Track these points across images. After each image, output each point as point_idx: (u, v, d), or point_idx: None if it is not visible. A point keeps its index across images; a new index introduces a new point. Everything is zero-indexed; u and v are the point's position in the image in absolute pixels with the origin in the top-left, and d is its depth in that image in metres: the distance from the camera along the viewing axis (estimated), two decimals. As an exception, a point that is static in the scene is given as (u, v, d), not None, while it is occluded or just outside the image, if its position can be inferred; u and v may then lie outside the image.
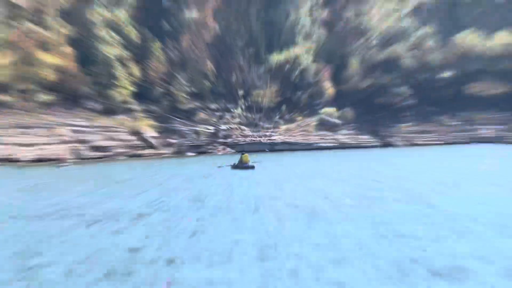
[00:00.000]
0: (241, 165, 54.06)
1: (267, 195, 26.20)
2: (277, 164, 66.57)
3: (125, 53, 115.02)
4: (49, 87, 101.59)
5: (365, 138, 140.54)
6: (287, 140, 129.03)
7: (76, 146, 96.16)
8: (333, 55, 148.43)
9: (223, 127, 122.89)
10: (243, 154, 56.35)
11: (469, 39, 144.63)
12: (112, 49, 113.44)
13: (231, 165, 55.73)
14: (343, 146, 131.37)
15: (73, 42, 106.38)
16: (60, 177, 50.55)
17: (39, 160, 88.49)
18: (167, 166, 68.16)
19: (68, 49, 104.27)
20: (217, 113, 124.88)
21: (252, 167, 54.03)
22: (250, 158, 60.40)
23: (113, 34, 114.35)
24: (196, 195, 25.63)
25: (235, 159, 62.98)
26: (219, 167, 56.72)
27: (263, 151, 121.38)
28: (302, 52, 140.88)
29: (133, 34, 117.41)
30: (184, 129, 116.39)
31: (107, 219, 21.08)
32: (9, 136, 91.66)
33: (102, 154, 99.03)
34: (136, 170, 59.57)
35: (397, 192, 29.45)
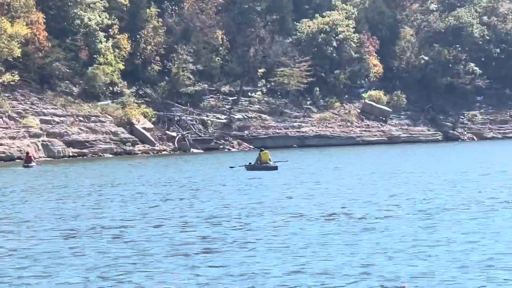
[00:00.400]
0: (260, 166, 54.17)
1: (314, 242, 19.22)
2: (310, 164, 65.17)
3: (111, 20, 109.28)
4: (11, 64, 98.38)
5: (421, 130, 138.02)
6: (321, 133, 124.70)
7: (46, 141, 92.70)
8: (381, 23, 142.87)
9: (238, 116, 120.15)
10: (261, 151, 56.32)
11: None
12: (93, 15, 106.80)
13: (245, 166, 55.66)
14: (393, 141, 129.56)
15: (43, 5, 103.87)
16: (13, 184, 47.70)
17: None
18: (157, 167, 66.05)
19: (38, 15, 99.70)
20: (230, 98, 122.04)
21: (274, 168, 54.03)
22: (273, 157, 59.51)
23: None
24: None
25: (253, 157, 61.53)
26: (231, 167, 56.87)
27: (290, 146, 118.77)
28: (341, 18, 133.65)
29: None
30: (188, 118, 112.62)
31: None
32: None
33: (80, 151, 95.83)
34: (118, 171, 57.21)
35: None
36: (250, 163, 55.81)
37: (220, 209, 28.96)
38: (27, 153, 76.96)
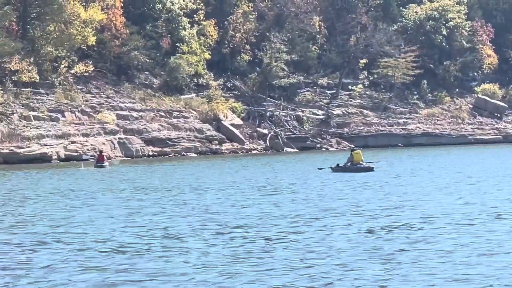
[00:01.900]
0: (352, 167, 52.58)
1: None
2: (421, 167, 58.91)
3: (196, 5, 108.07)
4: (85, 54, 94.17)
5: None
6: (429, 131, 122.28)
7: (122, 139, 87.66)
8: (496, 9, 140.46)
9: (336, 111, 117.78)
10: (353, 150, 55.67)
11: None
12: None
13: (331, 167, 54.65)
14: (509, 140, 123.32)
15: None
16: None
17: (68, 159, 79.02)
18: (238, 168, 59.98)
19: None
20: (328, 92, 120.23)
21: (370, 169, 52.67)
22: (375, 156, 58.45)
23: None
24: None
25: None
26: (320, 169, 55.56)
27: (395, 145, 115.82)
28: (452, 4, 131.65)
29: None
30: (281, 114, 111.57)
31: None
32: (34, 127, 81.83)
33: (160, 150, 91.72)
34: (202, 172, 49.09)
35: None
36: (337, 164, 54.24)
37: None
38: (100, 151, 72.72)
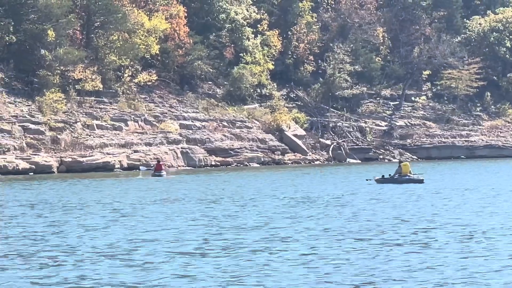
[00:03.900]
0: (401, 178, 51.54)
1: None
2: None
3: (259, 15, 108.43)
4: (149, 63, 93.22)
5: None
6: (492, 143, 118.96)
7: (185, 148, 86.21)
8: None
9: (399, 122, 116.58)
10: (401, 162, 54.62)
11: None
12: (240, 9, 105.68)
13: (374, 179, 53.22)
14: None
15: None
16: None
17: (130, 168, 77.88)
18: (304, 178, 57.71)
19: (178, 8, 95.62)
20: (392, 103, 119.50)
21: (420, 181, 51.22)
22: (435, 167, 57.02)
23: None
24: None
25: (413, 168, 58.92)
26: (368, 180, 54.18)
27: (457, 157, 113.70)
28: None
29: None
30: (344, 125, 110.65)
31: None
32: (97, 136, 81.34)
33: (223, 160, 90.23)
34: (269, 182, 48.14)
35: None
36: (383, 176, 52.98)
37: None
38: (158, 161, 70.10)
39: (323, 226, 25.30)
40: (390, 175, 52.82)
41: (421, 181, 51.30)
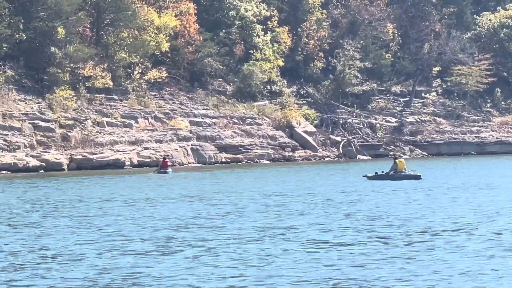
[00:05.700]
0: (397, 175, 50.24)
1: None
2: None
3: (269, 11, 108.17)
4: (158, 60, 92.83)
5: None
6: (503, 139, 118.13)
7: (196, 145, 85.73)
8: None
9: (410, 119, 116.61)
10: (396, 159, 53.19)
11: None
12: (250, 5, 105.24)
13: (367, 176, 52.07)
14: None
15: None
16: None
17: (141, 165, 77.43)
18: (311, 176, 57.22)
19: (188, 5, 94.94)
20: (402, 99, 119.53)
21: (417, 177, 50.06)
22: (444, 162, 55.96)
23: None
24: None
25: (419, 165, 59.70)
26: (365, 176, 52.97)
27: (467, 154, 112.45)
28: None
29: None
30: (354, 121, 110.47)
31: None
32: (108, 133, 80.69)
33: (233, 157, 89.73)
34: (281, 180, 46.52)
35: None
36: (376, 173, 51.83)
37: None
38: (164, 158, 69.47)
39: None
40: (383, 171, 51.75)
41: (418, 177, 50.17)
